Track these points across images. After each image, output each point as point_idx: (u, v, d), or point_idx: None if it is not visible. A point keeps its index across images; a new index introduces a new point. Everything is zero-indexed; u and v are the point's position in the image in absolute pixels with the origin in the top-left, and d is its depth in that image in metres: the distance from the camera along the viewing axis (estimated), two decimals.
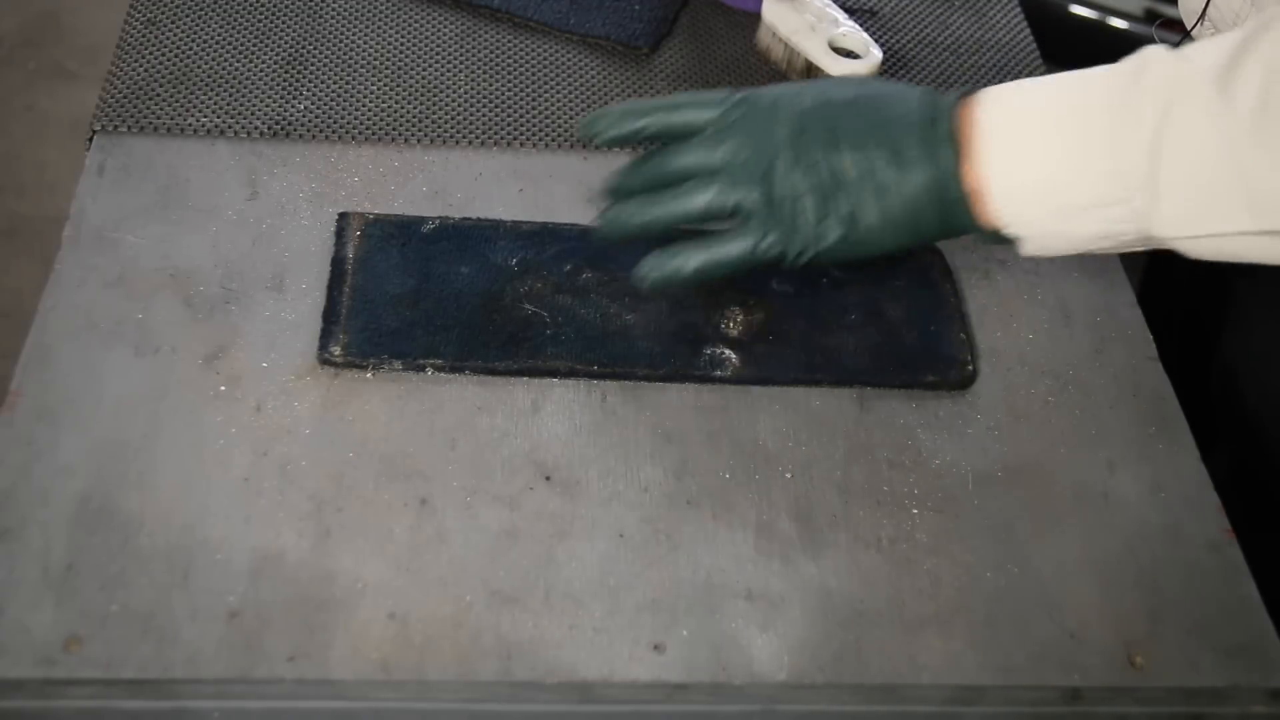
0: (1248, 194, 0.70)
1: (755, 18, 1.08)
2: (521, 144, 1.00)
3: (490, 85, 1.04)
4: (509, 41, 1.08)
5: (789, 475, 0.82)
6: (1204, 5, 0.93)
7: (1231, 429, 1.02)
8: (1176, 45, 0.88)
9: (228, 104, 1.00)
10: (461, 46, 1.07)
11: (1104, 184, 0.72)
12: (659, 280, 0.80)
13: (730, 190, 0.78)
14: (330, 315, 0.86)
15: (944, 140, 0.75)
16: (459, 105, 1.02)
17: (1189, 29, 0.96)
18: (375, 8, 1.10)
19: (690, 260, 0.79)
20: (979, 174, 0.75)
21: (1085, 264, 0.95)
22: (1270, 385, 1.00)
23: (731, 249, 0.78)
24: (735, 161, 0.78)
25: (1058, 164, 0.73)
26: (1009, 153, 0.75)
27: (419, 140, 0.99)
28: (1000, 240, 0.77)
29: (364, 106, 1.01)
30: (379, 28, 1.08)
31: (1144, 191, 0.71)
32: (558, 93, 1.04)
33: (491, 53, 1.07)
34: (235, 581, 0.74)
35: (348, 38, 1.07)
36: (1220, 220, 0.71)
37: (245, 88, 1.01)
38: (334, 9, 1.09)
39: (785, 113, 0.78)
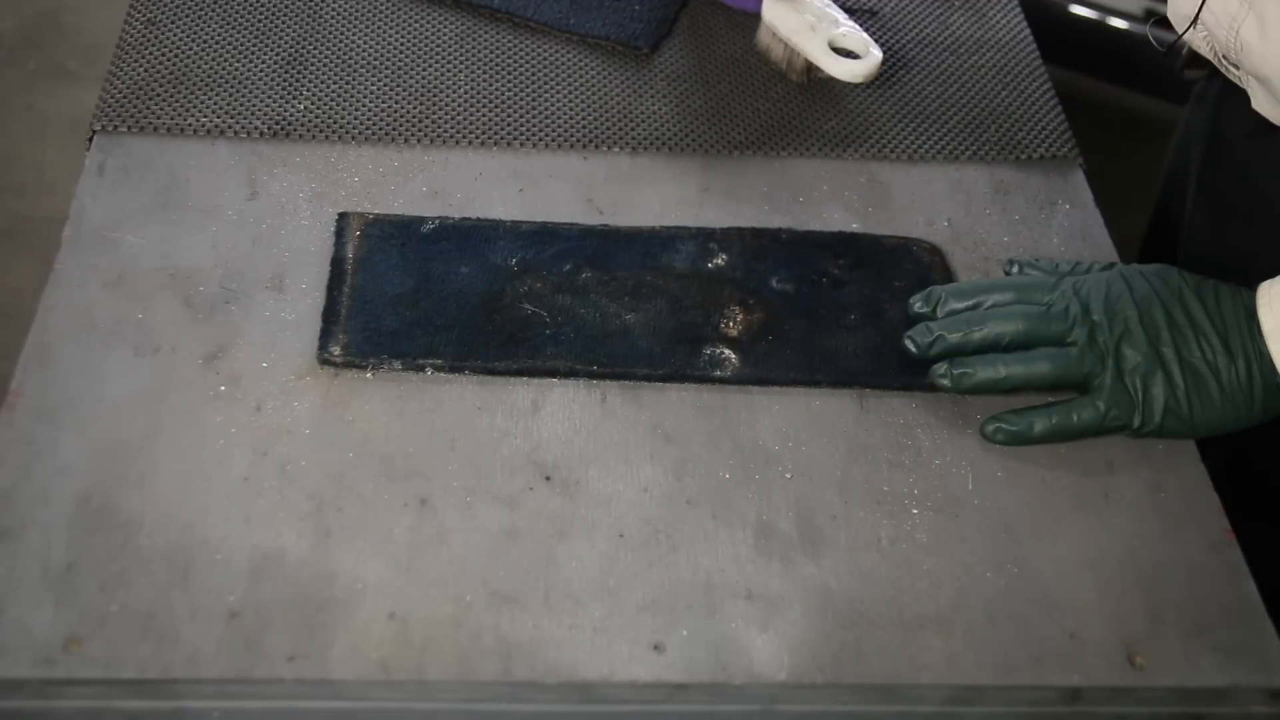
0: None
1: (755, 18, 1.08)
2: (521, 144, 1.00)
3: (490, 85, 1.04)
4: (509, 41, 1.08)
5: (789, 475, 0.82)
6: (1196, 10, 0.93)
7: None
8: (1168, 50, 0.90)
9: (228, 104, 1.00)
10: (461, 46, 1.07)
11: None
12: (1006, 439, 0.84)
13: (1084, 362, 0.83)
14: (330, 315, 0.86)
15: (1267, 335, 0.82)
16: (459, 105, 1.02)
17: (1180, 34, 0.96)
18: (375, 8, 1.10)
19: (1039, 424, 0.84)
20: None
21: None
22: None
23: (1083, 417, 0.83)
24: (1089, 333, 0.84)
25: None
26: None
27: (419, 140, 0.99)
28: None
29: (364, 106, 1.01)
30: (379, 28, 1.08)
31: None
32: (558, 93, 1.04)
33: (491, 53, 1.07)
34: (235, 581, 0.74)
35: (348, 38, 1.07)
36: None
37: (245, 88, 1.01)
38: (334, 9, 1.09)
39: (1123, 297, 0.85)
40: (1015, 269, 0.91)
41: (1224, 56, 0.95)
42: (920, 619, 0.76)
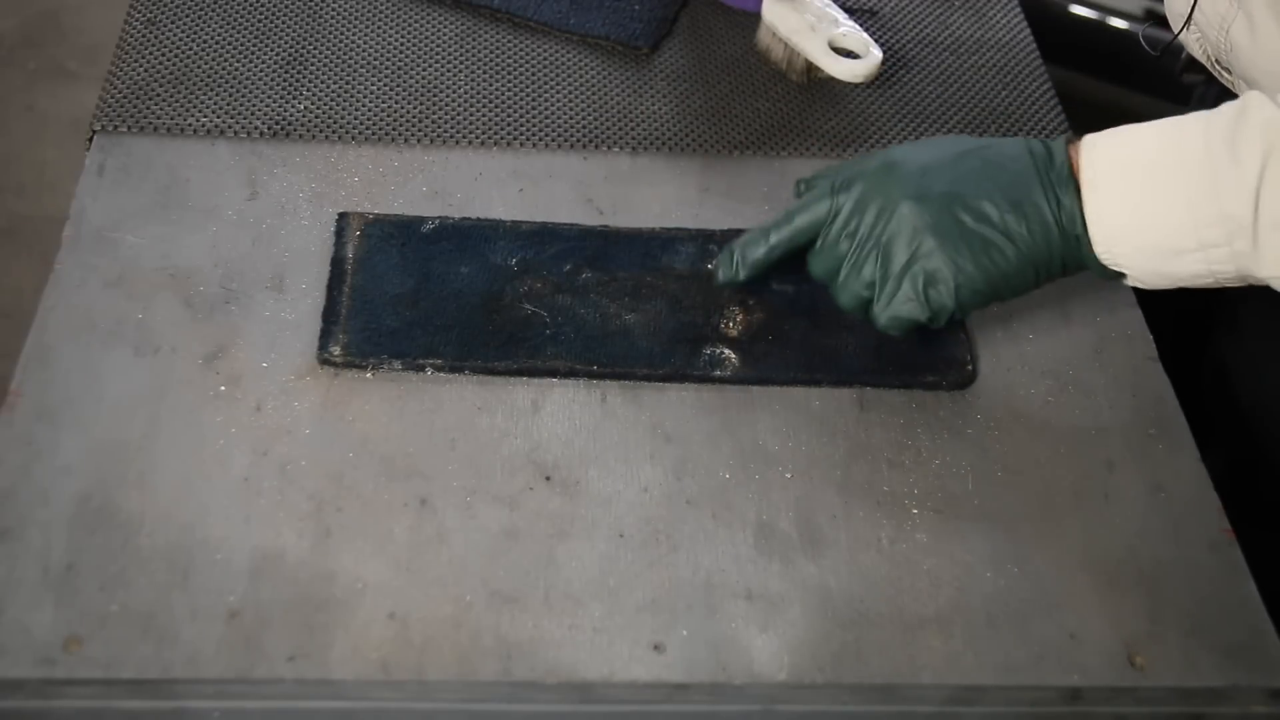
0: None
1: (755, 18, 1.08)
2: (521, 144, 1.00)
3: (490, 85, 1.04)
4: (509, 41, 1.08)
5: (789, 475, 0.82)
6: (1190, 9, 0.93)
7: (1226, 430, 1.02)
8: (1163, 50, 0.89)
9: (228, 104, 1.00)
10: (461, 46, 1.07)
11: (1205, 230, 0.76)
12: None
13: (863, 273, 0.80)
14: (330, 315, 0.86)
15: (1064, 181, 0.79)
16: (459, 105, 1.02)
17: (1175, 33, 0.96)
18: (375, 8, 1.10)
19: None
20: (1086, 219, 0.78)
21: None
22: (1263, 386, 1.00)
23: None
24: (861, 244, 0.80)
25: (1161, 213, 0.77)
26: (1112, 200, 0.78)
27: (419, 140, 0.99)
28: (1108, 275, 0.80)
29: (364, 106, 1.01)
30: (379, 28, 1.08)
31: (1244, 236, 0.75)
32: (558, 93, 1.04)
33: (491, 53, 1.07)
34: (235, 581, 0.74)
35: (348, 38, 1.07)
36: None
37: (245, 88, 1.01)
38: (334, 9, 1.09)
39: (899, 181, 0.80)
40: (801, 187, 0.88)
41: (1216, 60, 0.95)
42: (920, 619, 0.76)
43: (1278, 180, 0.74)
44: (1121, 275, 0.80)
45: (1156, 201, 0.77)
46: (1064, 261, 0.80)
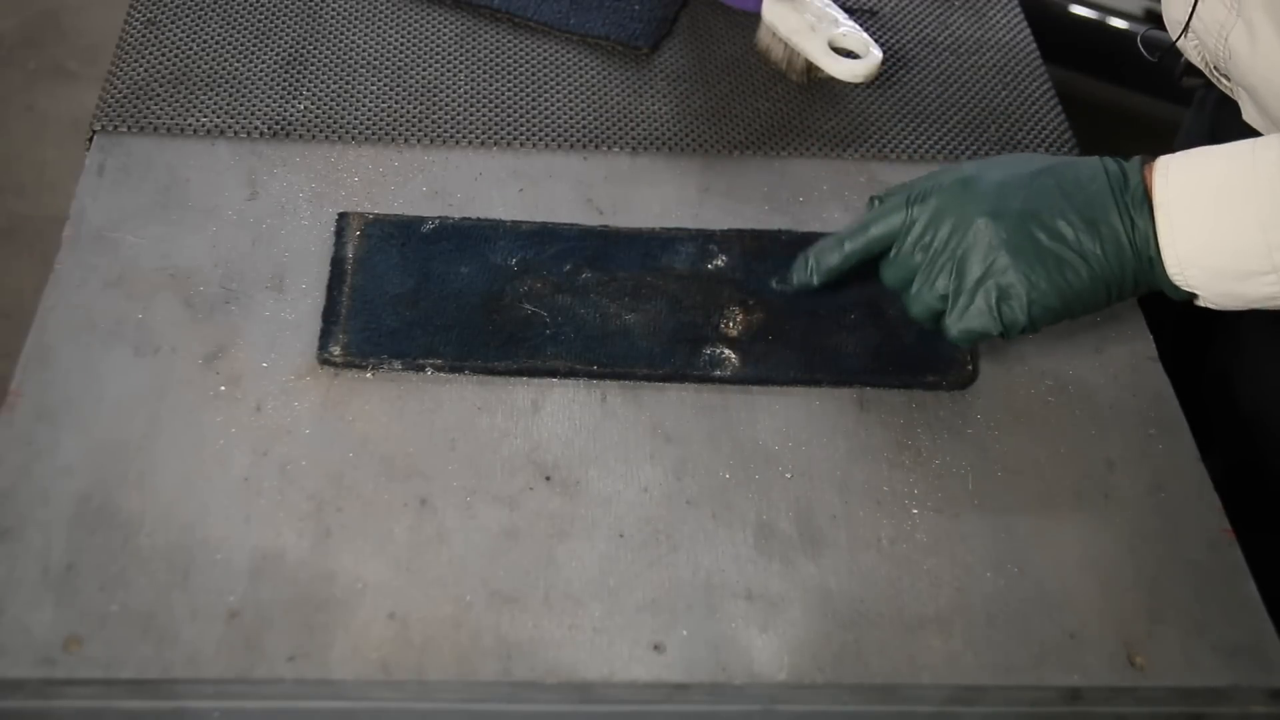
0: None
1: (755, 18, 1.08)
2: (521, 144, 1.00)
3: (490, 85, 1.04)
4: (509, 41, 1.08)
5: (789, 475, 0.82)
6: (1188, 17, 0.93)
7: (1225, 433, 1.02)
8: (1160, 57, 0.89)
9: (228, 104, 1.00)
10: (461, 46, 1.07)
11: (1278, 253, 0.76)
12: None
13: (938, 284, 0.81)
14: (330, 315, 0.86)
15: (1140, 202, 0.79)
16: (459, 105, 1.02)
17: (1174, 39, 0.96)
18: (375, 8, 1.10)
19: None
20: (1160, 242, 0.78)
21: None
22: (1262, 389, 1.00)
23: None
24: (934, 258, 0.81)
25: (1234, 236, 0.77)
26: (1186, 223, 0.78)
27: (419, 140, 0.99)
28: (1180, 296, 0.81)
29: (364, 106, 1.01)
30: (379, 28, 1.08)
31: None
32: (558, 93, 1.04)
33: (491, 53, 1.07)
34: (235, 581, 0.74)
35: (348, 38, 1.07)
36: None
37: (245, 88, 1.01)
38: (334, 9, 1.09)
39: (975, 198, 0.81)
40: (876, 203, 0.88)
41: (1215, 66, 0.95)
42: (920, 619, 0.76)
43: None
44: (1193, 295, 0.80)
45: (1229, 225, 0.77)
46: (1136, 281, 0.80)
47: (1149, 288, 0.81)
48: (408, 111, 1.01)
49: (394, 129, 1.00)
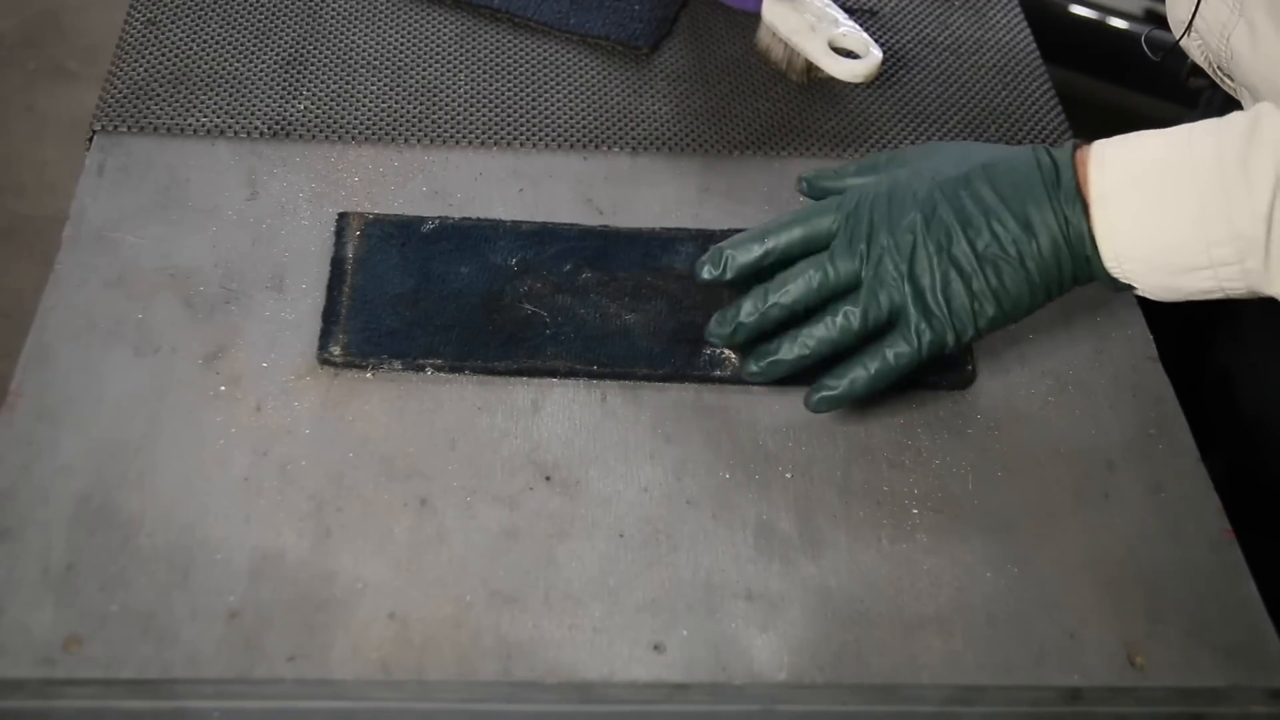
0: None
1: (755, 18, 1.08)
2: (521, 144, 1.00)
3: (490, 85, 1.04)
4: (509, 41, 1.08)
5: (789, 475, 0.82)
6: (1191, 16, 0.93)
7: (1227, 434, 1.02)
8: (1164, 56, 0.88)
9: (228, 104, 1.00)
10: (461, 46, 1.07)
11: (1216, 248, 0.75)
12: (833, 404, 0.81)
13: (880, 300, 0.79)
14: (330, 315, 0.86)
15: (1072, 200, 0.78)
16: (459, 105, 1.02)
17: (1177, 39, 0.96)
18: (375, 8, 1.10)
19: (859, 379, 0.80)
20: (1095, 234, 0.78)
21: None
22: (1263, 390, 1.00)
23: (900, 356, 0.79)
24: (875, 267, 0.79)
25: (1172, 231, 0.76)
26: (1123, 216, 0.77)
27: (419, 140, 0.99)
28: (1118, 288, 0.80)
29: (364, 106, 1.01)
30: (379, 28, 1.08)
31: (1256, 254, 0.75)
32: (558, 93, 1.04)
33: (491, 53, 1.07)
34: (235, 581, 0.74)
35: (348, 38, 1.07)
36: None
37: (245, 88, 1.01)
38: (334, 9, 1.09)
39: (906, 204, 0.80)
40: (804, 185, 0.87)
41: (1218, 67, 0.95)
42: (920, 619, 0.76)
43: None
44: (1131, 287, 0.80)
45: (1167, 218, 0.76)
46: (1076, 278, 0.80)
47: (1088, 281, 0.80)
48: (408, 111, 1.01)
49: (394, 129, 1.00)
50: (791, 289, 0.81)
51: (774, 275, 0.82)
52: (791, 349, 0.81)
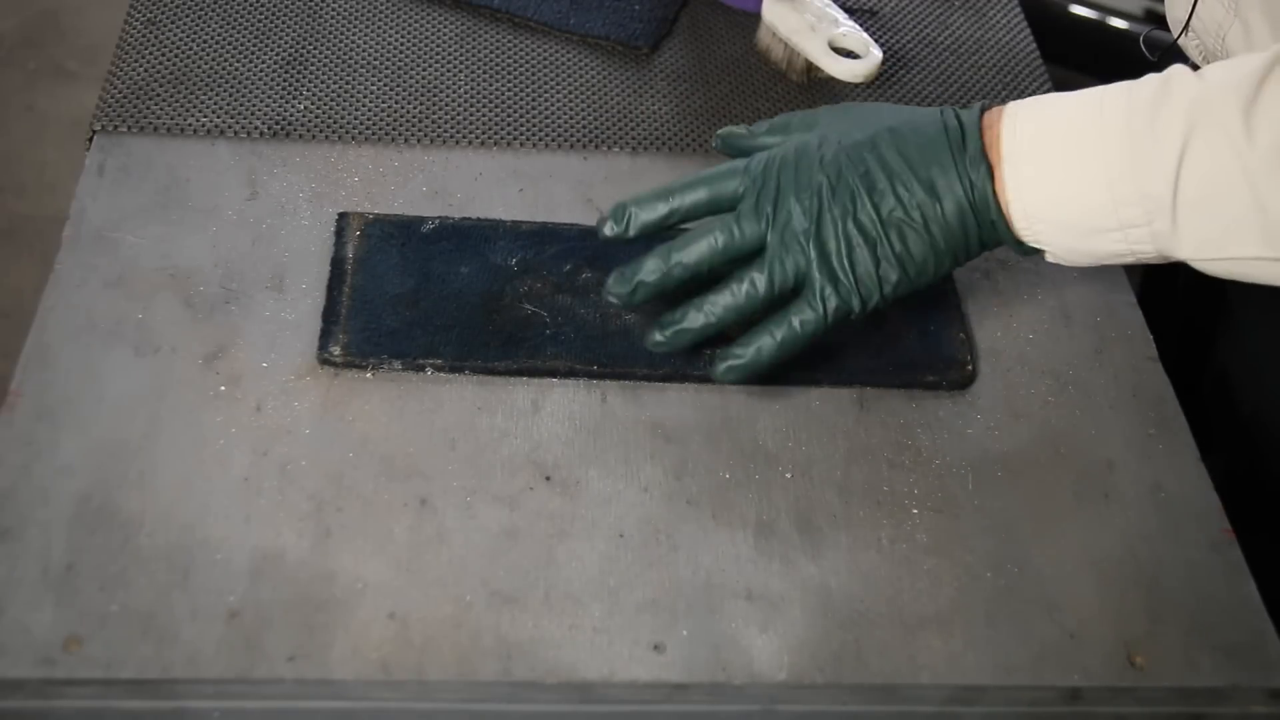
0: (1264, 224, 0.73)
1: (755, 18, 1.08)
2: (521, 144, 1.00)
3: (490, 85, 1.04)
4: (509, 41, 1.08)
5: (789, 475, 0.82)
6: (1188, 16, 0.93)
7: (1227, 434, 1.02)
8: (1161, 56, 0.88)
9: (228, 104, 1.00)
10: (461, 46, 1.07)
11: (1126, 209, 0.75)
12: (741, 375, 0.81)
13: (786, 265, 0.79)
14: (330, 315, 0.86)
15: (977, 162, 0.77)
16: (459, 105, 1.02)
17: (1175, 38, 0.96)
18: (375, 8, 1.10)
19: (766, 346, 0.80)
20: (1003, 196, 0.77)
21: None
22: (1265, 391, 1.00)
23: (806, 323, 0.79)
24: (781, 232, 0.79)
25: (1081, 190, 0.76)
26: (1031, 176, 0.77)
27: (419, 140, 0.99)
28: (1027, 251, 0.80)
29: (364, 106, 1.01)
30: (379, 28, 1.08)
31: (1164, 216, 0.74)
32: (558, 93, 1.04)
33: (491, 53, 1.07)
34: (235, 581, 0.74)
35: (348, 38, 1.07)
36: (1236, 246, 0.74)
37: (245, 88, 1.01)
38: (334, 9, 1.09)
39: (813, 168, 0.79)
40: (718, 143, 0.87)
41: None
42: (920, 619, 0.76)
43: (1197, 160, 0.73)
44: (1040, 251, 0.79)
45: (1075, 178, 0.76)
46: (982, 243, 0.79)
47: (996, 245, 0.80)
48: (408, 111, 1.01)
49: (394, 129, 1.00)
50: (695, 249, 0.80)
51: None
52: (697, 317, 0.80)
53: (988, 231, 0.79)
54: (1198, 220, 0.74)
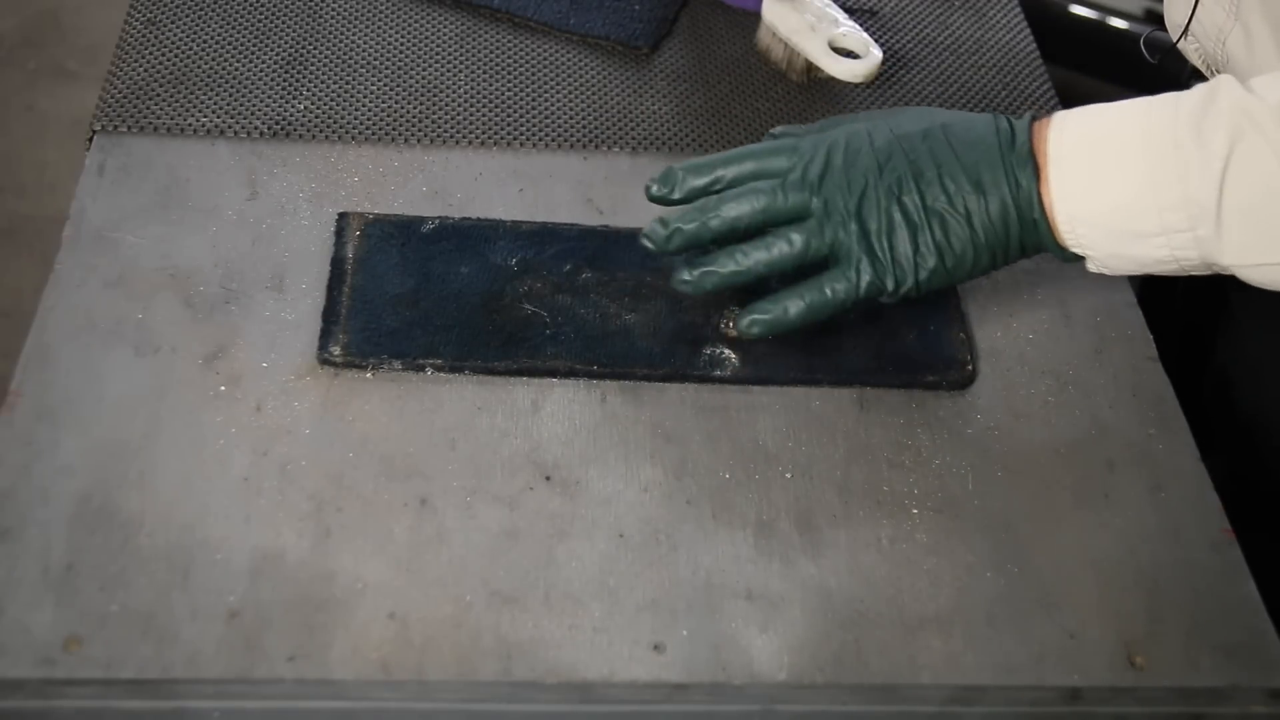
0: None
1: (755, 18, 1.08)
2: (521, 144, 1.00)
3: (490, 85, 1.04)
4: (509, 41, 1.08)
5: (789, 475, 0.82)
6: (1188, 19, 0.93)
7: (1227, 434, 1.02)
8: (1161, 58, 0.89)
9: (228, 104, 1.00)
10: (461, 46, 1.07)
11: (1170, 214, 0.75)
12: (765, 329, 0.81)
13: (825, 233, 0.79)
14: (330, 315, 0.86)
15: (1024, 162, 0.78)
16: (459, 105, 1.02)
17: (1174, 41, 0.96)
18: (375, 8, 1.10)
19: (793, 306, 0.81)
20: (1048, 199, 0.78)
21: None
22: (1264, 392, 1.00)
23: (837, 289, 0.80)
24: (825, 202, 0.79)
25: (1125, 193, 0.76)
26: (1075, 178, 0.77)
27: (419, 140, 0.99)
28: (1068, 257, 0.80)
29: (364, 106, 1.01)
30: (379, 28, 1.08)
31: (1208, 222, 0.75)
32: (558, 93, 1.04)
33: (491, 53, 1.07)
34: (235, 581, 0.74)
35: (348, 38, 1.07)
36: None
37: (245, 88, 1.01)
38: (334, 9, 1.09)
39: (863, 151, 0.80)
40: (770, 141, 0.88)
41: (1215, 70, 0.95)
42: (920, 619, 0.76)
43: (1243, 165, 0.73)
44: (1081, 259, 0.80)
45: (1120, 181, 0.76)
46: (1023, 245, 0.80)
47: (1036, 250, 0.80)
48: (408, 111, 1.01)
49: (394, 129, 1.00)
50: (736, 205, 0.81)
51: None
52: (727, 263, 0.81)
53: (1029, 232, 0.79)
54: (1242, 226, 0.75)
